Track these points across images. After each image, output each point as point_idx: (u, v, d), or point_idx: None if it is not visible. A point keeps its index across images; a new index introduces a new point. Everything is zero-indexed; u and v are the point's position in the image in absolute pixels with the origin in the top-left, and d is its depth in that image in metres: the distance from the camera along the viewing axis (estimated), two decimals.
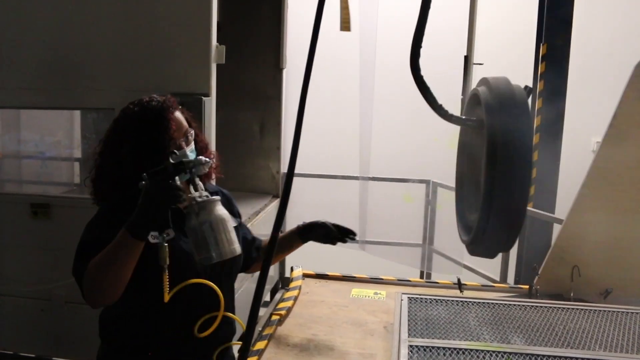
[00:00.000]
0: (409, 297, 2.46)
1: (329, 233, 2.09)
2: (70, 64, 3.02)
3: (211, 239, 1.55)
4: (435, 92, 1.80)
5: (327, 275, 3.04)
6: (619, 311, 2.33)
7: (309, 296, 2.77)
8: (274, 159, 4.56)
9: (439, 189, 4.91)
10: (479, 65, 3.92)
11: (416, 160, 5.41)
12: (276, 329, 2.33)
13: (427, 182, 4.96)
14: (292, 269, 3.05)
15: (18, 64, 3.10)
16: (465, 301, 2.46)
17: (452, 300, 2.46)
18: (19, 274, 3.24)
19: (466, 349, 1.96)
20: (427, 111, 1.85)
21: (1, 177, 3.82)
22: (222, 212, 1.61)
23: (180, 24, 2.84)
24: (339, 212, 4.87)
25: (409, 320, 2.20)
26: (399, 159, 5.44)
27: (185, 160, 1.61)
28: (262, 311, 2.32)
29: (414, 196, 5.03)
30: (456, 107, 2.28)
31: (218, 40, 2.88)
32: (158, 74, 2.87)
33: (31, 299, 3.24)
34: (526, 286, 2.85)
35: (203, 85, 2.83)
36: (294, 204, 3.70)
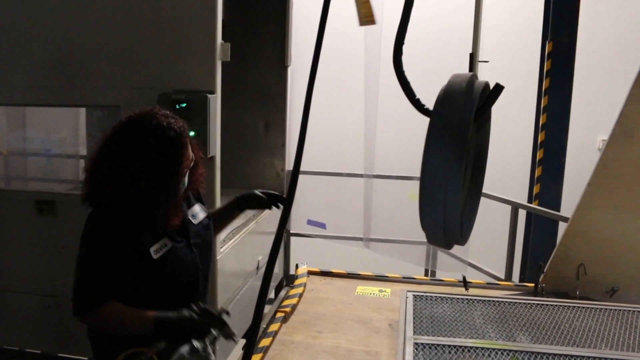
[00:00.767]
0: (414, 295, 2.46)
1: (261, 201, 2.25)
2: (76, 61, 3.03)
3: None
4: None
5: (332, 272, 3.04)
6: (625, 309, 2.33)
7: (314, 293, 2.77)
8: (279, 156, 4.55)
9: None
10: (484, 63, 3.90)
11: (421, 158, 5.38)
12: (281, 326, 2.34)
13: None
14: (297, 266, 3.06)
15: (24, 61, 3.11)
16: (471, 299, 2.46)
17: (458, 298, 2.46)
18: (24, 270, 3.25)
19: (472, 347, 1.96)
20: None
21: (7, 174, 3.83)
22: None
23: (185, 22, 2.84)
24: (344, 210, 4.88)
25: (414, 318, 2.21)
26: (404, 157, 5.42)
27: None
28: (266, 308, 2.32)
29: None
30: None
31: (223, 38, 2.88)
32: (163, 71, 2.87)
33: (36, 295, 3.25)
34: (532, 284, 2.85)
35: (208, 83, 2.83)
36: (298, 202, 3.70)
